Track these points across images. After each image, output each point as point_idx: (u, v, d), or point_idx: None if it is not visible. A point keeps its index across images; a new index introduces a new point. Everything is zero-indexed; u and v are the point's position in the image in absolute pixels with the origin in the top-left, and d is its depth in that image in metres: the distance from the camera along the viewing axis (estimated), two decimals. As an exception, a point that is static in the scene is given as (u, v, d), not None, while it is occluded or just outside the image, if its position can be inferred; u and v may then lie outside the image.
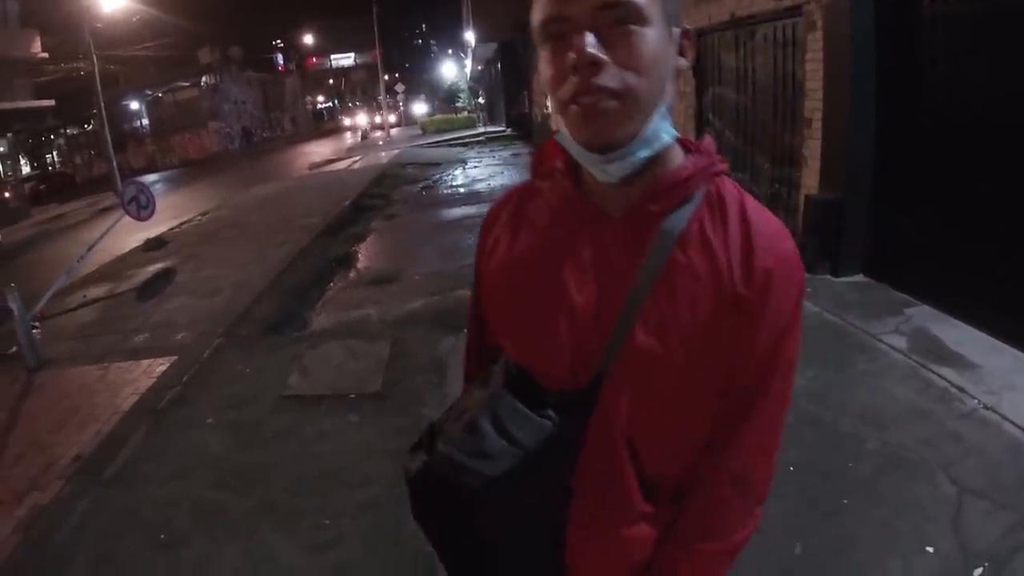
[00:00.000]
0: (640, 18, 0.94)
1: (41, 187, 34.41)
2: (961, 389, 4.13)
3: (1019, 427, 3.70)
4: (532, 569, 1.24)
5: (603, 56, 0.94)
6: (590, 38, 0.93)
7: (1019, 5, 4.47)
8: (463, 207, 13.17)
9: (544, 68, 1.02)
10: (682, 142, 1.13)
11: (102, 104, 25.99)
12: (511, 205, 1.28)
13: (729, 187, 1.11)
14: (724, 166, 1.13)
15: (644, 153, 1.02)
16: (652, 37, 0.96)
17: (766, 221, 1.08)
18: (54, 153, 45.62)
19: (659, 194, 1.06)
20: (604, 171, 1.04)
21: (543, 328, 1.13)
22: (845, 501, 3.29)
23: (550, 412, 1.11)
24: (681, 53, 1.05)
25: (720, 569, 1.20)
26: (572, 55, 0.94)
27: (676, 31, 1.03)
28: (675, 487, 1.18)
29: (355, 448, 4.28)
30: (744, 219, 1.07)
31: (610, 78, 0.95)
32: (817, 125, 6.34)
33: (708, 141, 1.14)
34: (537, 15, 1.00)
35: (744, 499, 1.16)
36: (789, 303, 1.05)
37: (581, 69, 0.94)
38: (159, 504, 3.97)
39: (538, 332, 1.15)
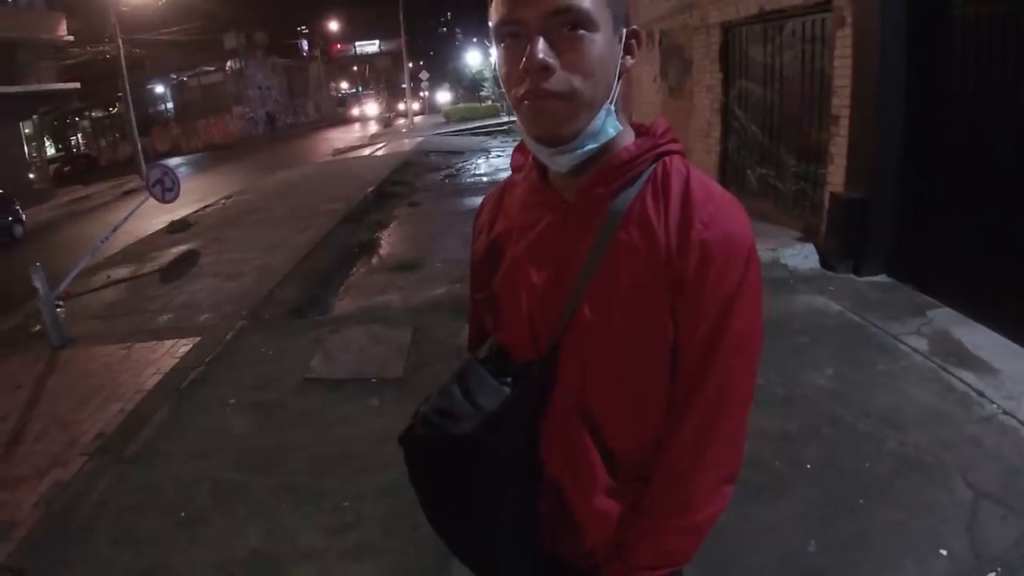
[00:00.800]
0: (589, 23, 1.02)
1: (66, 169, 34.72)
2: (981, 393, 4.10)
3: (1039, 432, 3.67)
4: (506, 531, 1.29)
5: (552, 61, 1.01)
6: (541, 43, 1.01)
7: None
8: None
9: (499, 66, 1.09)
10: (636, 127, 1.21)
11: (127, 87, 26.16)
12: (495, 196, 1.41)
13: (677, 165, 1.16)
14: (674, 146, 1.18)
15: (590, 146, 1.11)
16: (600, 41, 1.04)
17: (709, 196, 1.11)
18: (79, 135, 46.02)
19: (603, 177, 1.14)
20: (554, 162, 1.14)
21: (509, 306, 1.25)
22: (861, 501, 3.29)
23: (510, 380, 1.20)
24: (628, 52, 1.12)
25: (686, 546, 1.23)
26: (524, 59, 1.01)
27: (624, 32, 1.10)
28: (641, 464, 1.22)
29: (375, 432, 4.31)
30: (686, 194, 1.11)
31: (558, 81, 1.03)
32: (844, 122, 6.29)
33: (659, 124, 1.20)
34: (493, 16, 1.07)
35: (706, 474, 1.19)
36: (731, 276, 1.08)
37: (532, 73, 1.01)
38: (180, 482, 4.03)
39: (506, 309, 1.26)
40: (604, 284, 1.12)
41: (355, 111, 65.12)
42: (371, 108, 61.49)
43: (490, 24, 1.09)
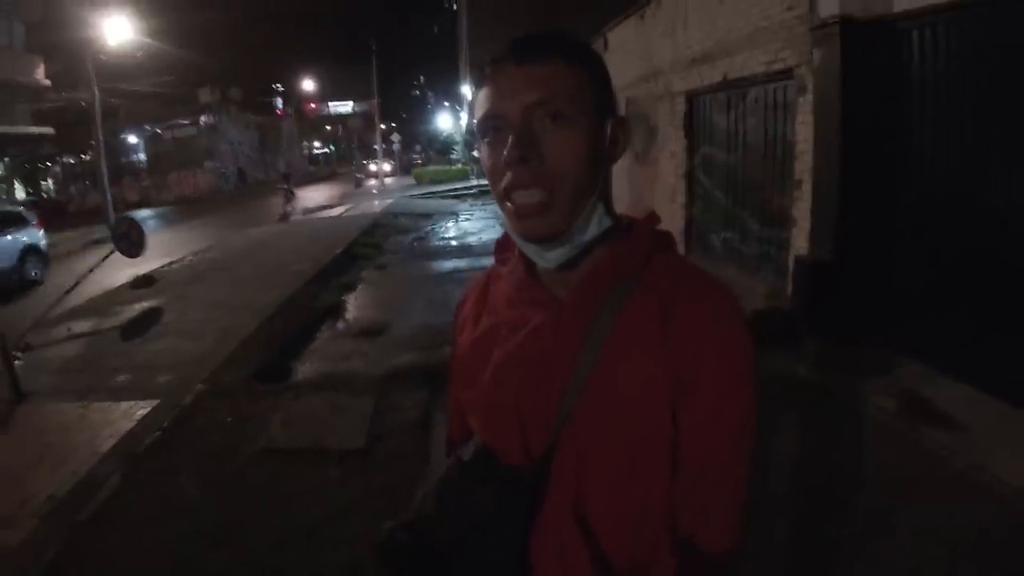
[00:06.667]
0: (571, 114, 1.02)
1: (35, 214, 34.30)
2: (951, 450, 4.13)
3: (1009, 487, 3.69)
4: None
5: (533, 152, 1.00)
6: (522, 135, 1.00)
7: (1006, 71, 4.59)
8: (454, 260, 13.26)
9: (483, 160, 1.08)
10: (628, 220, 1.18)
11: (101, 136, 26.02)
12: (479, 288, 1.34)
13: (672, 259, 1.14)
14: (667, 239, 1.17)
15: (578, 241, 1.09)
16: (583, 131, 1.03)
17: (704, 291, 1.09)
18: (49, 181, 45.56)
19: (596, 274, 1.11)
20: (543, 258, 1.11)
21: (498, 408, 1.17)
22: (835, 567, 3.26)
23: (496, 486, 1.13)
24: (615, 141, 1.11)
25: None
26: (505, 152, 1.00)
27: (609, 121, 1.09)
28: (642, 565, 1.15)
29: (336, 505, 4.18)
30: (683, 289, 1.08)
31: (540, 174, 1.01)
32: (807, 187, 6.41)
33: (651, 217, 1.19)
34: (477, 112, 1.07)
35: (706, 569, 1.12)
36: (733, 368, 1.05)
37: (513, 165, 1.01)
38: (132, 553, 3.89)
39: (492, 411, 1.19)
40: (601, 387, 1.07)
41: None
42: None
43: (473, 120, 1.08)
